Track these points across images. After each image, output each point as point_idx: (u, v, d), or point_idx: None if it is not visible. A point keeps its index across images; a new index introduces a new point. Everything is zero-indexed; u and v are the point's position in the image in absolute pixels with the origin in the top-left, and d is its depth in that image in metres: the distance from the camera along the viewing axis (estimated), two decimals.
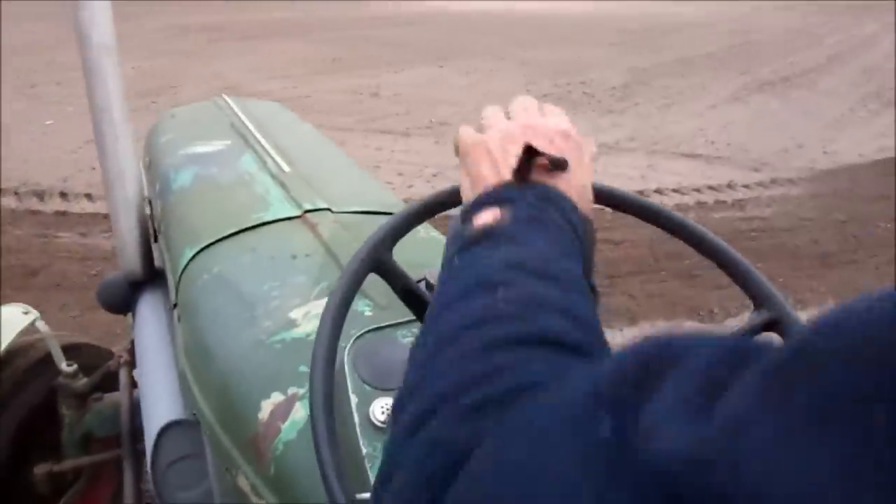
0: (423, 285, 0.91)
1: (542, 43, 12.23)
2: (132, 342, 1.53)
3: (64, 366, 1.56)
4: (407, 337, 0.82)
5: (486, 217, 0.52)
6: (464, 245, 0.51)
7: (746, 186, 5.10)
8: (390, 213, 1.21)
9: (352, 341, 0.78)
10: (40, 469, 1.56)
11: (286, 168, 1.38)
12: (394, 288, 0.73)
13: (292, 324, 0.91)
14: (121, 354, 1.64)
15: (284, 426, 0.78)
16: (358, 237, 1.05)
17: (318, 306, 0.91)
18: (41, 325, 1.57)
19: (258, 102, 2.05)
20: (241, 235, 1.16)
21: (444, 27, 13.94)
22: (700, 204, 4.70)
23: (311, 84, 8.06)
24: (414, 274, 0.95)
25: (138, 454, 1.53)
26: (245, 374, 0.88)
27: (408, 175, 5.11)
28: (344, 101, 7.27)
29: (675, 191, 4.87)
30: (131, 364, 1.60)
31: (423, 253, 0.81)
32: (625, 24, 15.39)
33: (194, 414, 0.96)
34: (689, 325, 3.27)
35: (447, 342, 0.43)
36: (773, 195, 4.97)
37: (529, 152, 0.54)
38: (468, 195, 0.58)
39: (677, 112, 7.41)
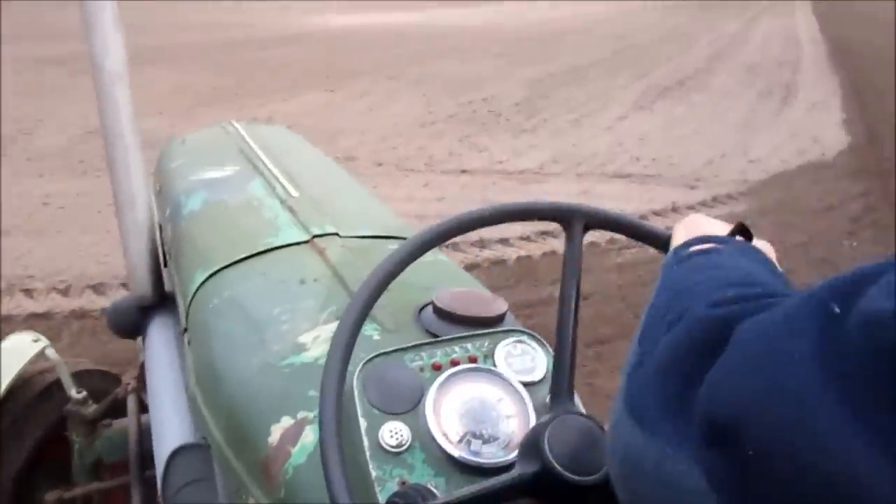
0: (430, 309, 0.89)
1: (430, 58, 11.66)
2: (141, 367, 1.51)
3: (74, 392, 1.53)
4: (415, 361, 0.76)
5: (703, 247, 0.56)
6: (684, 258, 0.55)
7: (691, 208, 4.68)
8: (398, 237, 1.16)
9: (360, 365, 0.74)
10: (51, 496, 1.53)
11: (294, 193, 1.36)
12: None
13: (301, 348, 0.89)
14: (128, 382, 1.60)
15: (294, 450, 0.77)
16: (365, 261, 1.05)
17: (327, 330, 0.90)
18: (51, 352, 1.53)
19: (266, 127, 2.08)
20: (251, 260, 1.15)
21: (325, 46, 13.14)
22: None
23: (192, 119, 7.10)
24: (423, 297, 0.92)
25: (147, 480, 1.48)
26: (255, 397, 0.86)
27: None
28: None
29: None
30: (139, 389, 1.56)
31: (431, 276, 0.78)
32: (505, 34, 15.09)
33: (204, 438, 0.95)
34: None
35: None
36: (721, 215, 4.54)
37: (741, 228, 0.60)
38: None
39: (589, 126, 7.00)
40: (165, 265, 1.48)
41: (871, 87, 9.23)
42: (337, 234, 1.19)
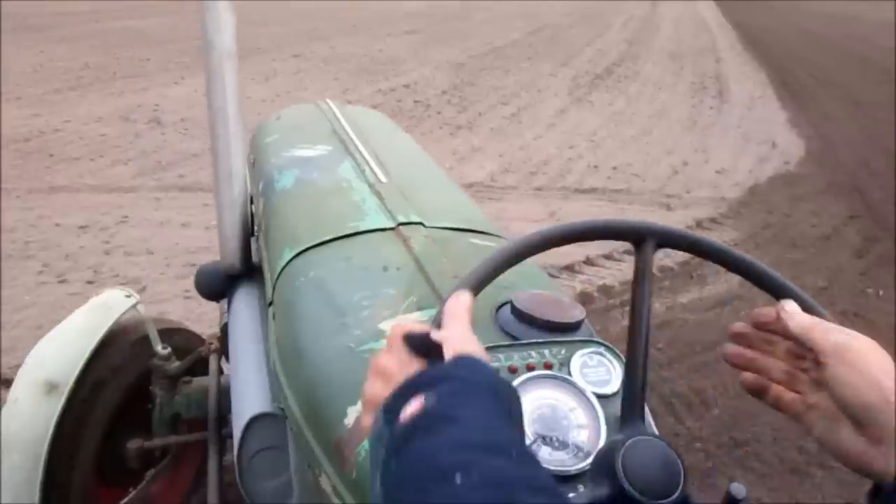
0: (507, 308, 0.88)
1: (335, 34, 10.47)
2: (222, 329, 1.55)
3: (160, 349, 1.56)
4: (492, 362, 0.75)
5: (412, 408, 0.47)
6: (397, 445, 0.46)
7: None
8: (480, 231, 1.20)
9: None
10: (133, 444, 1.56)
11: (383, 178, 1.35)
12: None
13: (381, 335, 0.89)
14: (211, 341, 1.63)
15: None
16: (447, 253, 1.05)
17: (407, 320, 0.90)
18: (141, 308, 1.55)
19: (358, 108, 2.00)
20: (337, 242, 1.15)
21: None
22: None
23: (59, 109, 5.73)
24: (501, 295, 0.90)
25: (223, 437, 1.53)
26: (334, 378, 0.87)
27: None
28: (113, 136, 5.11)
29: (606, 257, 3.55)
30: (221, 351, 1.61)
31: (511, 275, 0.71)
32: (410, 8, 14.03)
33: (281, 408, 0.96)
34: None
35: None
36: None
37: (413, 341, 0.57)
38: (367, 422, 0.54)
39: (530, 122, 6.17)
40: (253, 235, 1.50)
41: (794, 79, 8.91)
42: (422, 224, 1.17)
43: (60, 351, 1.39)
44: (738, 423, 2.39)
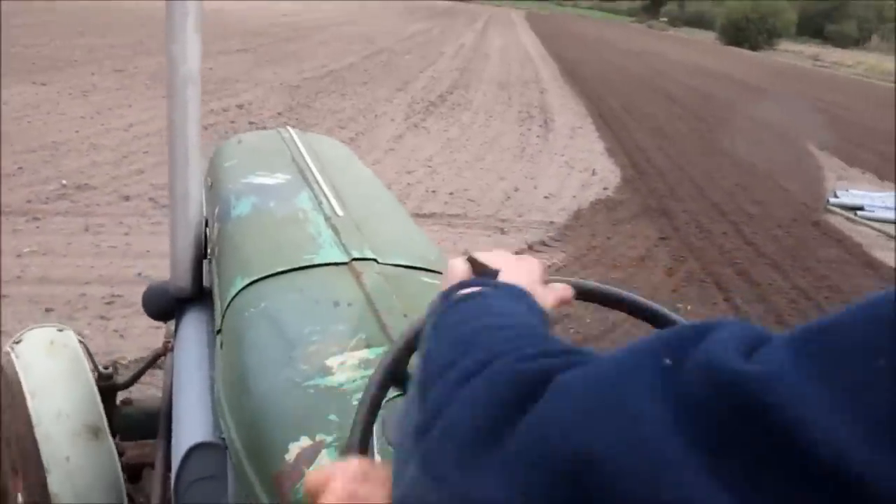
0: None
1: (160, 48, 9.95)
2: (169, 350, 1.57)
3: (102, 369, 1.61)
4: None
5: (470, 290, 0.54)
6: (451, 305, 0.53)
7: None
8: (434, 271, 1.18)
9: (383, 403, 0.73)
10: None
11: (339, 211, 1.36)
12: None
13: (328, 371, 0.90)
14: (168, 339, 1.61)
15: (308, 471, 0.77)
16: (399, 292, 1.06)
17: (354, 357, 0.92)
18: (77, 337, 1.56)
19: (320, 137, 2.05)
20: (290, 274, 1.15)
21: (23, 24, 10.71)
22: None
23: None
24: None
25: (169, 463, 1.41)
26: (277, 412, 0.88)
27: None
28: None
29: None
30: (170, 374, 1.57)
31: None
32: (240, 27, 13.68)
33: (223, 438, 0.97)
34: None
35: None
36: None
37: (474, 264, 0.63)
38: None
39: (368, 146, 6.22)
40: (205, 257, 1.50)
41: (609, 110, 9.66)
42: (375, 261, 1.17)
43: (69, 398, 1.42)
44: None
